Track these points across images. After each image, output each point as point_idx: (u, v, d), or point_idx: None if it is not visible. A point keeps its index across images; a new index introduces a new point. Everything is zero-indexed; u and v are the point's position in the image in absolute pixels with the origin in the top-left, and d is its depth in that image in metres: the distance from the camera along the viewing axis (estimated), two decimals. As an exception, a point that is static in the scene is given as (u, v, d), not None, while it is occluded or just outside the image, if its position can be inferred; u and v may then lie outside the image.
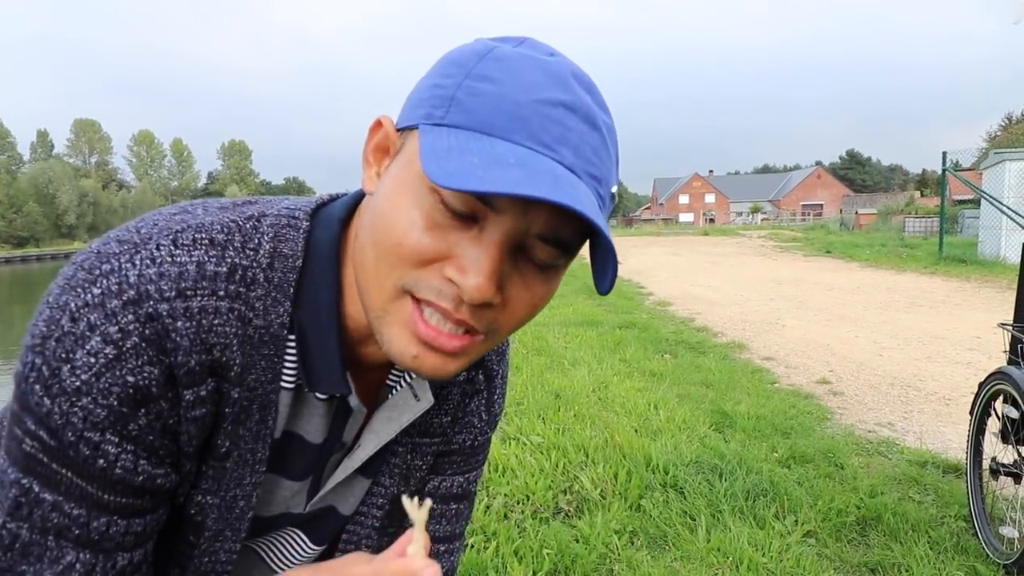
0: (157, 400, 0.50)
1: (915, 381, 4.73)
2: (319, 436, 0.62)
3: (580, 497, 2.78)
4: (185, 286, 0.50)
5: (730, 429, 3.63)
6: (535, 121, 0.47)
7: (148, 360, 0.49)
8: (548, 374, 4.73)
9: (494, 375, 0.75)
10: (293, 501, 0.65)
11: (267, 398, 0.56)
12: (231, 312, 0.52)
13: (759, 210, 73.73)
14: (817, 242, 21.06)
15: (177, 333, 0.49)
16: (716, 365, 5.11)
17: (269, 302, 0.54)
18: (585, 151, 0.49)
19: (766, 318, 7.45)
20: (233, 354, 0.53)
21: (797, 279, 11.43)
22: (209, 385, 0.52)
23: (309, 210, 0.59)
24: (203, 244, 0.52)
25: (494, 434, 0.81)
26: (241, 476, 0.58)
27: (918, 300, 8.57)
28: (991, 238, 12.97)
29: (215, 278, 0.52)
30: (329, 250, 0.57)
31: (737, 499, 2.72)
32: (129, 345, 0.48)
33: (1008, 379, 2.32)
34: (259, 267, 0.54)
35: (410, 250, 0.48)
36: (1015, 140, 29.39)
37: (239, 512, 0.59)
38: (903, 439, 3.58)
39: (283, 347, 0.55)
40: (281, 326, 0.55)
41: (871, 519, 2.60)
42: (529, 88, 0.48)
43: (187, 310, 0.50)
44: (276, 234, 0.56)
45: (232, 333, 0.52)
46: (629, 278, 12.06)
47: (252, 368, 0.54)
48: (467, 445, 0.74)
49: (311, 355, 0.56)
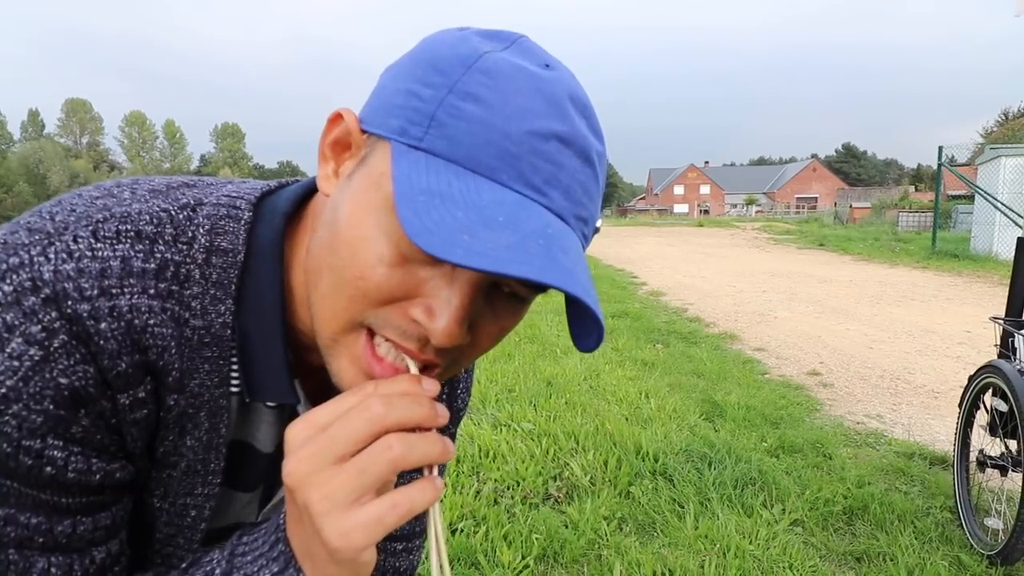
0: (97, 400, 0.46)
1: (905, 374, 4.76)
2: (270, 445, 0.58)
3: (570, 483, 2.79)
4: (109, 283, 0.45)
5: (720, 419, 3.64)
6: (526, 160, 0.43)
7: (80, 359, 0.44)
8: (540, 362, 4.73)
9: (456, 379, 0.72)
10: (244, 512, 0.63)
11: (216, 404, 0.52)
12: (163, 312, 0.47)
13: (754, 202, 73.85)
14: (811, 235, 21.13)
15: (101, 336, 0.44)
16: (707, 355, 5.12)
17: (208, 301, 0.49)
18: (575, 191, 0.45)
19: (758, 309, 7.47)
20: (171, 357, 0.48)
21: (790, 271, 11.47)
22: (148, 385, 0.48)
23: (252, 199, 0.53)
24: (128, 237, 0.47)
25: (487, 428, 0.79)
26: (191, 486, 0.54)
27: (910, 294, 8.62)
28: (984, 234, 13.04)
29: (143, 275, 0.47)
30: (272, 248, 0.53)
31: (726, 487, 2.74)
32: (57, 344, 0.43)
33: (998, 373, 2.33)
34: (194, 263, 0.49)
35: (374, 287, 0.44)
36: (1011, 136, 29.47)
37: (191, 522, 0.56)
38: (891, 431, 3.60)
39: (227, 349, 0.51)
40: (224, 326, 0.50)
41: (858, 509, 2.62)
42: (521, 116, 0.43)
43: (112, 309, 0.45)
44: (213, 226, 0.51)
45: (167, 334, 0.48)
46: (622, 267, 12.08)
47: (194, 372, 0.50)
48: None
49: (255, 362, 0.52)
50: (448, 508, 2.48)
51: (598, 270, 11.55)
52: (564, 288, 0.40)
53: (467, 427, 3.30)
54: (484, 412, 3.62)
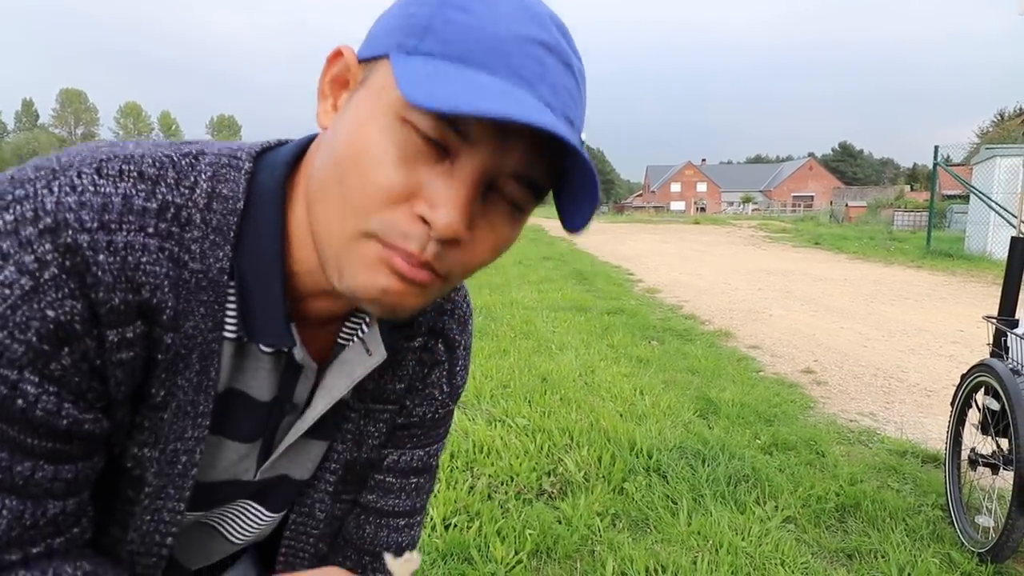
0: (81, 338, 0.46)
1: (898, 372, 4.78)
2: (266, 393, 0.58)
3: (564, 479, 2.80)
4: (109, 218, 0.46)
5: (714, 416, 3.65)
6: (515, 56, 0.45)
7: (70, 293, 0.44)
8: (535, 358, 4.73)
9: (456, 346, 0.72)
10: (241, 466, 0.61)
11: (208, 347, 0.52)
12: (161, 251, 0.48)
13: (750, 200, 73.96)
14: (806, 233, 21.17)
15: (99, 267, 0.45)
16: (702, 352, 5.13)
17: (207, 245, 0.50)
18: (562, 93, 0.47)
19: (753, 307, 7.49)
20: (164, 296, 0.49)
21: (785, 269, 11.49)
22: (138, 328, 0.48)
23: (253, 152, 0.55)
24: (131, 176, 0.48)
25: (457, 407, 0.79)
26: (181, 429, 0.54)
27: (904, 293, 8.65)
28: (978, 233, 13.09)
29: (143, 213, 0.47)
30: (273, 194, 0.53)
31: (719, 484, 2.74)
32: (48, 276, 0.44)
33: (991, 371, 2.34)
34: (195, 207, 0.50)
35: (379, 186, 0.46)
36: (1006, 136, 29.57)
37: (181, 469, 0.55)
38: (884, 428, 3.62)
39: (224, 294, 0.52)
40: (221, 271, 0.51)
41: (850, 506, 2.63)
42: (508, 22, 0.46)
43: (110, 244, 0.46)
44: (215, 173, 0.52)
45: (163, 274, 0.48)
46: (619, 264, 12.08)
47: (189, 315, 0.50)
48: (428, 418, 0.72)
49: (253, 304, 0.53)
50: (441, 503, 2.48)
51: (594, 267, 11.56)
52: (556, 131, 0.41)
53: (461, 422, 3.30)
54: (479, 407, 3.62)
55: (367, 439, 0.68)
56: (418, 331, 0.68)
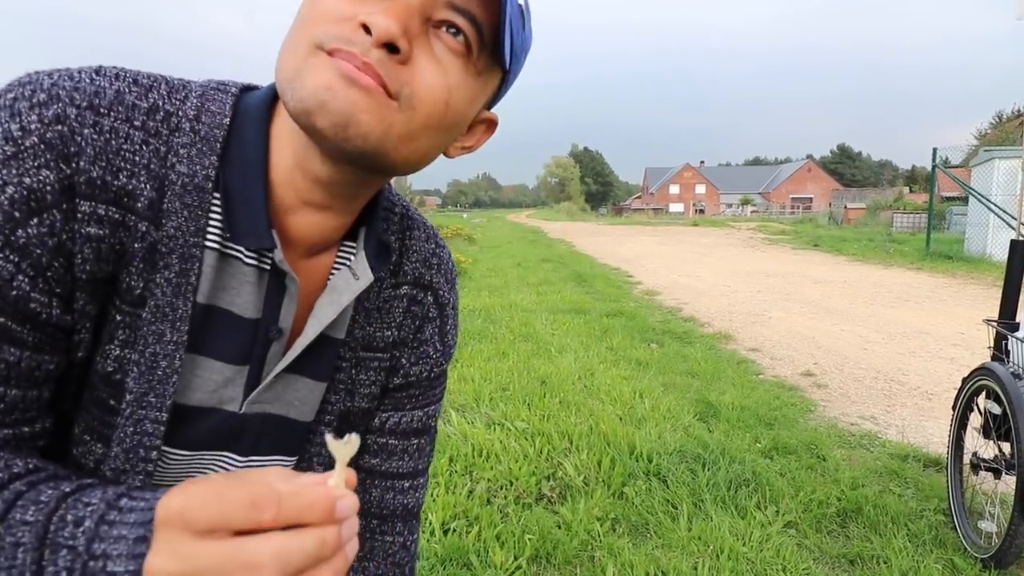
0: (51, 209, 0.47)
1: (898, 375, 4.76)
2: (251, 310, 0.58)
3: (563, 483, 2.78)
4: (99, 103, 0.49)
5: (714, 419, 3.64)
6: None
7: (45, 163, 0.47)
8: (534, 360, 4.72)
9: (445, 303, 0.74)
10: (226, 392, 0.60)
11: (189, 251, 0.54)
12: (145, 144, 0.51)
13: (749, 202, 74.03)
14: (805, 235, 21.18)
15: (83, 139, 0.48)
16: (702, 355, 5.12)
17: (194, 152, 0.53)
18: None
19: (753, 310, 7.47)
20: (141, 184, 0.51)
21: (785, 272, 11.49)
22: (112, 212, 0.50)
23: (240, 84, 0.60)
24: (126, 79, 0.52)
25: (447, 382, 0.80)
26: (160, 332, 0.54)
27: (904, 295, 8.64)
28: (978, 235, 13.09)
29: (133, 108, 0.51)
30: (258, 110, 0.57)
31: (719, 489, 2.73)
32: (28, 144, 0.47)
33: (992, 375, 2.33)
34: (185, 116, 0.53)
35: (326, 8, 0.50)
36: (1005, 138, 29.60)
37: (161, 375, 0.55)
38: (885, 432, 3.60)
39: (207, 201, 0.54)
40: (206, 178, 0.53)
41: (851, 511, 2.62)
42: None
43: (96, 124, 0.49)
44: (204, 93, 0.56)
45: (142, 164, 0.51)
46: (618, 266, 12.07)
47: (173, 215, 0.52)
48: (424, 376, 0.74)
49: (236, 211, 0.55)
50: (440, 508, 2.46)
51: (593, 269, 11.55)
52: None
53: (461, 426, 3.28)
54: (478, 411, 3.60)
55: (359, 388, 0.69)
56: (404, 279, 0.70)
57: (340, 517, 0.41)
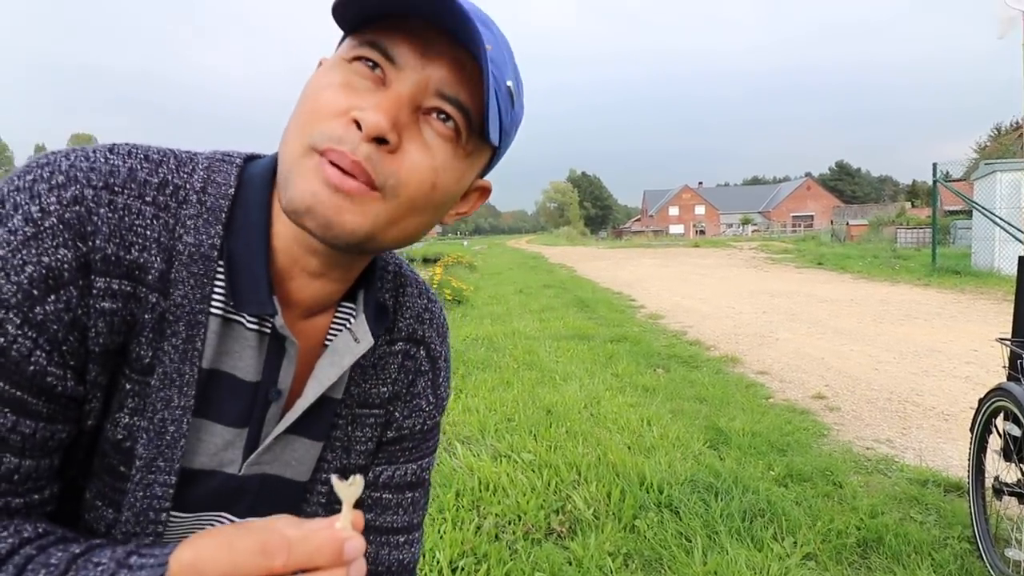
0: (67, 286, 0.49)
1: (912, 396, 4.67)
2: (252, 375, 0.60)
3: (573, 517, 2.70)
4: (113, 181, 0.52)
5: (725, 446, 3.56)
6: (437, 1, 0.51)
7: (63, 242, 0.49)
8: (539, 389, 4.65)
9: (437, 356, 0.76)
10: (226, 455, 0.60)
11: (195, 318, 0.56)
12: (156, 219, 0.53)
13: (749, 221, 74.14)
14: (809, 253, 21.11)
15: (99, 218, 0.50)
16: (709, 379, 5.04)
17: (201, 223, 0.56)
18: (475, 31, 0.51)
19: (759, 331, 7.40)
20: (151, 257, 0.53)
21: (789, 291, 11.41)
22: (124, 285, 0.52)
23: (244, 154, 0.62)
24: (138, 156, 0.55)
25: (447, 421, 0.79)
26: (168, 398, 0.55)
27: (913, 312, 8.55)
28: (984, 249, 13.00)
29: (145, 184, 0.54)
30: (261, 180, 0.59)
31: (734, 519, 2.64)
32: (47, 225, 0.49)
33: (1009, 396, 2.26)
34: (192, 189, 0.56)
35: (322, 103, 0.52)
36: (1004, 150, 29.67)
37: (170, 439, 0.56)
38: (902, 456, 3.51)
39: (212, 269, 0.56)
40: (211, 247, 0.56)
41: (872, 541, 2.53)
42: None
43: (111, 202, 0.51)
44: (211, 165, 0.59)
45: (153, 238, 0.53)
46: (620, 291, 12.02)
47: (180, 283, 0.54)
48: (417, 429, 0.75)
49: (239, 278, 0.57)
50: (448, 545, 2.39)
51: (595, 293, 11.50)
52: (459, 7, 0.48)
53: (467, 459, 3.21)
54: (483, 443, 3.53)
55: (355, 444, 0.70)
56: (399, 336, 0.72)
57: (348, 559, 0.42)
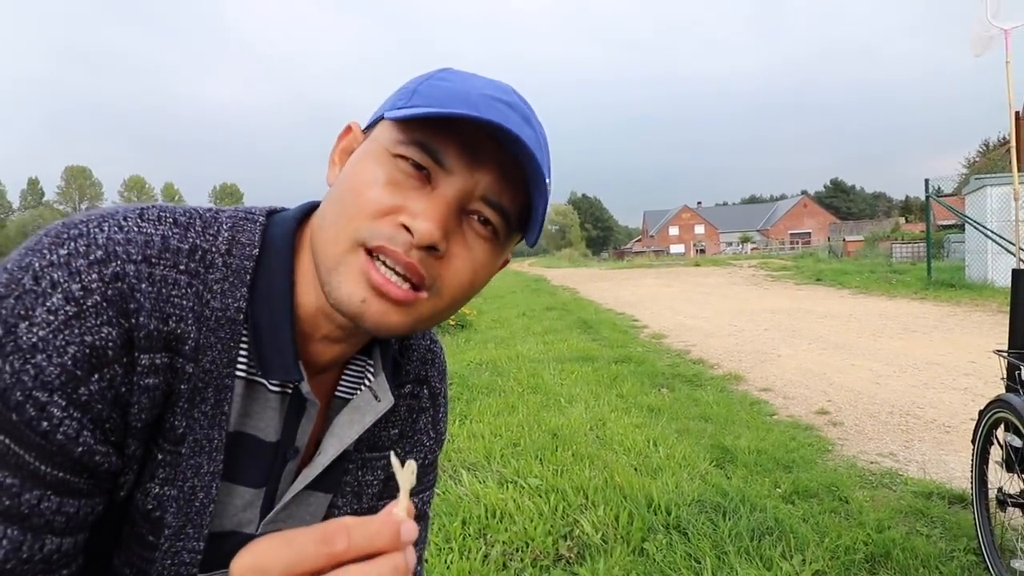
0: (112, 364, 0.49)
1: (914, 409, 4.69)
2: (273, 434, 0.60)
3: (581, 542, 2.71)
4: (151, 253, 0.52)
5: (731, 464, 3.57)
6: (482, 105, 0.54)
7: (107, 320, 0.48)
8: (544, 413, 4.67)
9: (437, 393, 0.77)
10: (245, 516, 0.61)
11: (222, 383, 0.55)
12: (190, 287, 0.53)
13: (748, 240, 74.40)
14: (807, 270, 21.19)
15: (141, 294, 0.50)
16: (714, 398, 5.06)
17: (227, 286, 0.55)
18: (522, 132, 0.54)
19: (761, 348, 7.42)
20: (188, 327, 0.53)
21: (790, 308, 11.45)
22: (164, 357, 0.52)
23: (266, 210, 0.62)
24: (167, 221, 0.55)
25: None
26: (198, 465, 0.55)
27: (911, 326, 8.59)
28: (978, 262, 13.09)
29: (178, 252, 0.53)
30: (284, 242, 0.59)
31: (742, 539, 2.65)
32: (90, 303, 0.48)
33: (1009, 407, 2.29)
34: (218, 252, 0.56)
35: (368, 200, 0.53)
36: (993, 165, 29.96)
37: (199, 506, 0.56)
38: (906, 469, 3.52)
39: (238, 333, 0.56)
40: (237, 311, 0.55)
41: (880, 556, 2.54)
42: (478, 86, 0.56)
43: (151, 276, 0.51)
44: (234, 224, 0.58)
45: (189, 307, 0.53)
46: (623, 311, 12.05)
47: (208, 349, 0.54)
48: (419, 465, 0.76)
49: (264, 343, 0.57)
50: (455, 575, 2.39)
51: (598, 314, 11.53)
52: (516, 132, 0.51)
53: (472, 485, 3.22)
54: (489, 468, 3.54)
55: (366, 489, 0.70)
56: (406, 379, 0.73)
57: (406, 541, 0.42)
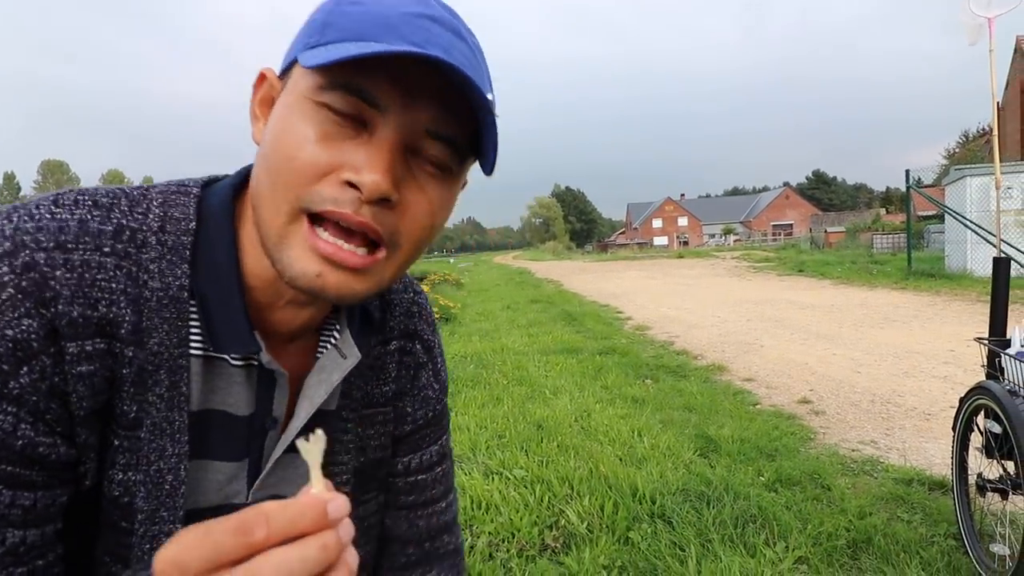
0: (38, 355, 0.47)
1: (894, 397, 4.75)
2: (245, 408, 0.59)
3: (566, 532, 2.71)
4: (65, 239, 0.49)
5: (715, 454, 3.59)
6: (404, 28, 0.49)
7: (26, 312, 0.47)
8: (529, 404, 4.66)
9: (432, 346, 0.78)
10: (231, 488, 0.60)
11: (175, 363, 0.54)
12: (118, 269, 0.51)
13: (731, 231, 74.92)
14: (789, 261, 21.40)
15: (56, 281, 0.48)
16: (697, 388, 5.08)
17: (164, 264, 0.53)
18: (455, 53, 0.50)
19: (744, 339, 7.48)
20: (121, 311, 0.51)
21: (772, 299, 11.55)
22: (98, 344, 0.50)
23: (200, 181, 0.59)
24: (86, 204, 0.52)
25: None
26: (161, 448, 0.54)
27: (891, 316, 8.69)
28: (957, 252, 13.29)
29: (99, 235, 0.51)
30: (223, 212, 0.57)
31: (726, 526, 2.67)
32: (5, 297, 0.46)
33: (988, 394, 2.32)
34: (149, 230, 0.53)
35: (303, 163, 0.49)
36: (972, 156, 30.40)
37: (169, 488, 0.55)
38: (887, 456, 3.56)
39: (185, 311, 0.54)
40: (180, 288, 0.54)
41: (862, 542, 2.56)
42: (395, 5, 0.50)
43: (67, 261, 0.49)
44: (165, 200, 0.56)
45: (119, 290, 0.51)
46: (606, 303, 12.08)
47: (153, 331, 0.52)
48: (430, 417, 0.78)
49: (215, 318, 0.55)
50: (442, 566, 2.38)
51: (582, 307, 11.55)
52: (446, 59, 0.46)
53: (458, 478, 3.21)
54: (475, 460, 3.53)
55: (369, 442, 0.71)
56: (392, 335, 0.73)
57: (335, 518, 0.39)
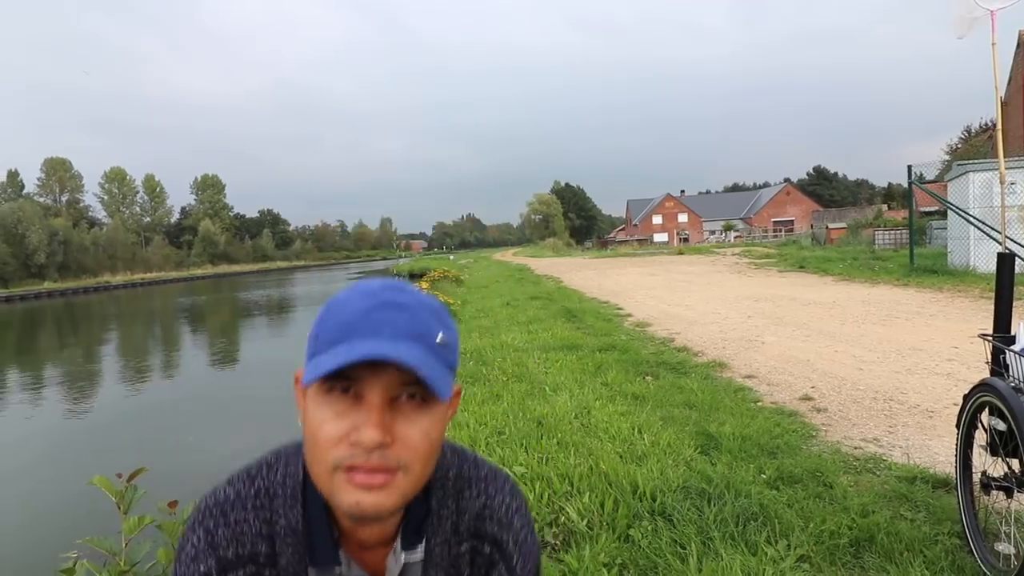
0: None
1: (897, 394, 4.72)
2: None
3: (567, 529, 2.69)
4: (227, 507, 0.80)
5: (716, 451, 3.56)
6: (359, 325, 0.71)
7: (208, 555, 0.78)
8: (529, 401, 4.64)
9: (504, 543, 0.88)
10: None
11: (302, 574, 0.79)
12: (256, 519, 0.80)
13: (732, 228, 74.77)
14: (790, 258, 21.34)
15: (221, 536, 0.78)
16: (698, 385, 5.06)
17: (287, 507, 0.80)
18: (400, 325, 0.71)
19: (745, 335, 7.45)
20: (258, 546, 0.79)
21: (773, 295, 11.52)
22: (249, 568, 0.78)
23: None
24: (242, 478, 0.83)
25: None
26: None
27: (894, 312, 8.65)
28: (960, 248, 13.23)
29: (246, 498, 0.81)
30: None
31: (727, 524, 2.64)
32: (198, 548, 0.78)
33: (993, 391, 2.29)
34: (277, 484, 0.81)
35: (326, 438, 0.71)
36: (975, 152, 30.28)
37: None
38: (890, 454, 3.53)
39: (303, 539, 0.79)
40: (298, 523, 0.79)
41: (864, 540, 2.53)
42: (353, 307, 0.73)
43: (226, 521, 0.79)
44: (287, 459, 0.83)
45: (257, 533, 0.79)
46: (607, 300, 12.06)
47: (282, 554, 0.79)
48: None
49: (315, 544, 0.80)
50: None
51: (582, 304, 11.52)
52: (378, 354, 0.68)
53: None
54: (474, 458, 3.50)
55: None
56: (464, 536, 0.87)
57: None
